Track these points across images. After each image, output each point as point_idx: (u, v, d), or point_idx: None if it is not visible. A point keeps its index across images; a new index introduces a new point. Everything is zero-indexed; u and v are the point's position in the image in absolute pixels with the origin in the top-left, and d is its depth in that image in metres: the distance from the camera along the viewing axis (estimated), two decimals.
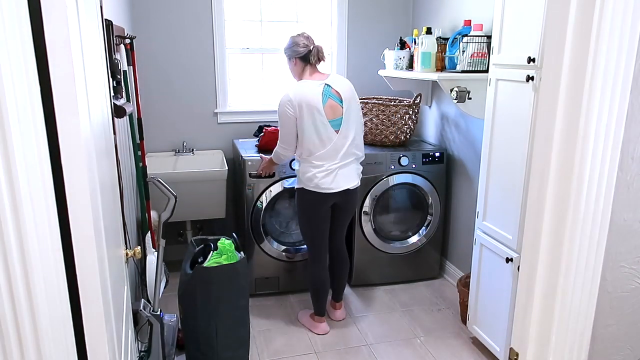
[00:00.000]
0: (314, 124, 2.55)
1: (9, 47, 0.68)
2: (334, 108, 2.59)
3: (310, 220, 2.75)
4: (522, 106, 2.17)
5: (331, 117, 2.58)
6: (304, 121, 2.55)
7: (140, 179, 2.51)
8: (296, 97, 2.54)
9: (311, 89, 2.56)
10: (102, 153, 1.17)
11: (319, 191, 2.62)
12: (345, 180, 2.66)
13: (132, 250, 1.59)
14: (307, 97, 2.54)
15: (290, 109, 2.55)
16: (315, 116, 2.54)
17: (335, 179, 2.63)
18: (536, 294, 1.39)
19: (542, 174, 1.30)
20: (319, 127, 2.56)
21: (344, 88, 2.64)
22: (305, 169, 2.63)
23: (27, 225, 0.73)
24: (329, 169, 2.61)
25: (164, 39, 3.36)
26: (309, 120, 2.55)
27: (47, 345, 0.78)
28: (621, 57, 1.18)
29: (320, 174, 2.60)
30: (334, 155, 2.61)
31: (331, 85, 2.60)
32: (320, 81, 2.60)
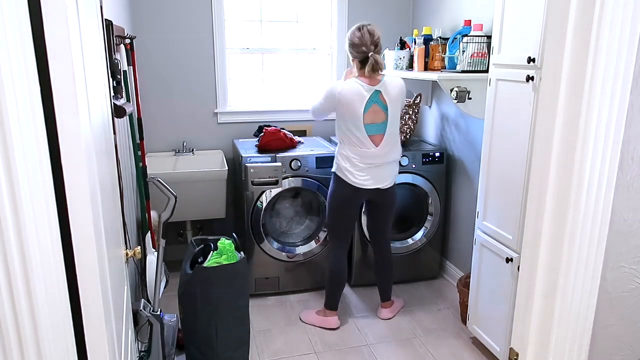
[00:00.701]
0: (351, 124, 2.59)
1: (9, 47, 0.68)
2: (376, 113, 2.60)
3: (337, 208, 2.76)
4: (522, 106, 2.17)
5: (370, 122, 2.59)
6: (343, 117, 2.61)
7: (140, 179, 2.51)
8: (341, 95, 2.57)
9: (358, 92, 2.55)
10: (102, 153, 1.17)
11: (349, 182, 2.65)
12: (376, 180, 2.68)
13: (132, 250, 1.59)
14: (351, 99, 2.56)
15: (331, 100, 2.61)
16: (353, 120, 2.58)
17: (365, 176, 2.65)
18: (536, 294, 1.38)
19: (542, 174, 1.30)
20: (354, 129, 2.59)
21: (394, 94, 2.61)
22: (341, 157, 2.67)
23: (27, 225, 0.73)
24: (360, 166, 2.63)
25: (164, 39, 3.36)
26: (348, 119, 2.59)
27: (47, 345, 0.78)
28: (621, 57, 1.17)
29: (351, 167, 2.64)
30: (367, 156, 2.63)
31: (381, 92, 2.58)
32: (370, 86, 2.57)
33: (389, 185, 2.74)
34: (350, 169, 2.64)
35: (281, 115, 3.66)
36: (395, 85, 2.64)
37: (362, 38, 2.52)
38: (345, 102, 2.56)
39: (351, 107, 2.56)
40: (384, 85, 2.60)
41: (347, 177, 2.65)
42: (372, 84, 2.58)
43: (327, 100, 2.64)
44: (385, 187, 2.71)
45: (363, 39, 2.52)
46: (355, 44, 2.54)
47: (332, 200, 2.78)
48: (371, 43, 2.53)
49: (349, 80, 2.62)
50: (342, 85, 2.60)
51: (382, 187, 2.70)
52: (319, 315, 2.92)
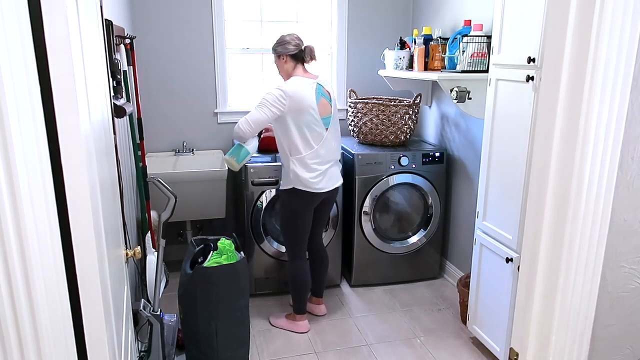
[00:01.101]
0: (306, 121, 2.58)
1: (9, 47, 0.68)
2: (324, 107, 2.65)
3: (297, 219, 2.75)
4: (522, 106, 2.17)
5: (322, 115, 2.64)
6: (294, 117, 2.57)
7: (140, 179, 2.51)
8: (292, 92, 2.55)
9: (306, 85, 2.60)
10: (102, 153, 1.17)
11: (310, 190, 2.63)
12: (333, 180, 2.73)
13: (132, 250, 1.59)
14: (302, 93, 2.57)
15: (282, 102, 2.54)
16: (310, 113, 2.57)
17: (324, 178, 2.67)
18: (536, 294, 1.39)
19: (542, 173, 1.30)
20: (312, 124, 2.59)
21: (331, 89, 2.73)
22: (296, 169, 2.63)
23: (27, 225, 0.73)
24: (319, 169, 2.64)
25: (164, 39, 3.36)
26: (301, 116, 2.57)
27: (47, 345, 0.78)
28: (621, 57, 1.18)
29: (311, 174, 2.62)
30: (324, 154, 2.65)
31: (323, 85, 2.67)
32: (312, 80, 2.64)
33: (340, 184, 2.81)
34: (309, 178, 2.61)
35: None
36: (328, 81, 2.77)
37: (290, 36, 2.66)
38: (298, 99, 2.55)
39: (305, 102, 2.55)
40: (322, 79, 2.70)
41: (307, 187, 2.62)
42: (311, 77, 2.67)
43: (272, 106, 2.54)
44: (337, 187, 2.77)
45: (291, 36, 2.66)
46: (287, 41, 2.65)
47: (289, 216, 2.76)
48: (299, 39, 2.66)
49: (291, 79, 2.63)
50: (288, 84, 2.59)
51: (336, 187, 2.76)
52: (289, 320, 2.90)
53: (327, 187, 2.69)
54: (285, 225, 2.81)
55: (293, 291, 2.87)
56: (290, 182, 2.66)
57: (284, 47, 2.64)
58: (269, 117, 2.58)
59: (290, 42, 2.64)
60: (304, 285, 2.84)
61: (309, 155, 2.61)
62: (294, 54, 2.64)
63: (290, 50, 2.63)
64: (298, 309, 2.87)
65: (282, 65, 2.68)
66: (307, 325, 2.88)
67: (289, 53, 2.64)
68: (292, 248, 2.83)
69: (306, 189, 2.63)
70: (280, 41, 2.67)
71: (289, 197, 2.70)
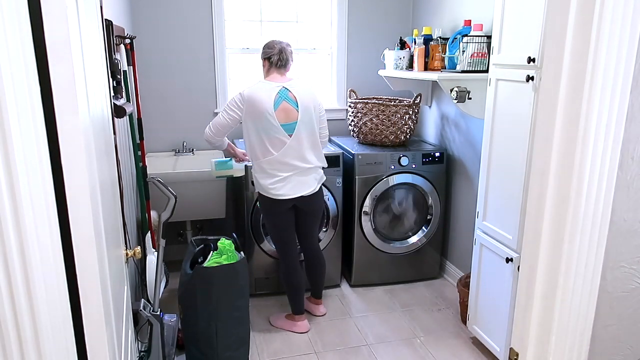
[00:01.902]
0: (263, 126, 2.55)
1: (9, 47, 0.68)
2: (287, 112, 2.58)
3: (273, 222, 2.77)
4: (522, 106, 2.17)
5: (284, 121, 2.57)
6: (252, 122, 2.56)
7: (140, 179, 2.51)
8: (249, 95, 2.55)
9: (265, 90, 2.57)
10: (102, 153, 1.17)
11: (270, 197, 2.63)
12: (299, 188, 2.65)
13: (132, 250, 1.59)
14: (259, 97, 2.54)
15: (239, 106, 2.56)
16: (267, 119, 2.54)
17: (287, 186, 2.62)
18: (536, 294, 1.39)
19: (542, 174, 1.30)
20: (269, 129, 2.55)
21: (303, 94, 2.63)
22: (257, 174, 2.65)
23: (27, 225, 0.73)
24: (280, 175, 2.60)
25: (164, 39, 3.36)
26: (258, 121, 2.55)
27: (47, 345, 0.78)
28: (621, 57, 1.18)
29: (270, 180, 2.61)
30: (286, 161, 2.59)
31: (289, 89, 2.60)
32: (277, 83, 2.60)
33: (313, 191, 2.70)
34: (269, 185, 2.61)
35: None
36: (304, 87, 2.67)
37: (279, 43, 2.66)
38: (253, 102, 2.53)
39: (260, 105, 2.53)
40: (292, 83, 2.64)
41: (268, 193, 2.63)
42: (279, 81, 2.63)
43: (233, 110, 2.57)
44: (309, 194, 2.68)
45: (274, 42, 2.67)
46: (266, 45, 2.68)
47: (264, 217, 2.82)
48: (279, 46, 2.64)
49: (255, 83, 2.64)
50: (247, 88, 2.59)
51: (305, 194, 2.66)
52: (288, 320, 2.90)
53: (290, 195, 2.62)
54: (267, 226, 2.88)
55: (286, 292, 2.89)
56: (257, 186, 2.71)
57: (264, 51, 2.68)
58: (229, 121, 2.60)
59: (268, 45, 2.67)
60: (295, 286, 2.84)
61: (266, 161, 2.59)
62: (267, 57, 2.65)
63: (264, 53, 2.67)
64: (295, 309, 2.87)
65: (263, 68, 2.72)
66: (306, 325, 2.88)
67: (264, 56, 2.67)
68: (277, 249, 2.88)
69: (267, 195, 2.64)
70: (265, 45, 2.70)
71: (260, 200, 2.75)
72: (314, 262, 2.94)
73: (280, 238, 2.80)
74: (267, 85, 2.59)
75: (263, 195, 2.67)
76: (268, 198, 2.65)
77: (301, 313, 2.88)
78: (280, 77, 2.65)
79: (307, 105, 2.63)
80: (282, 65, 2.64)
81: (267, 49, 2.66)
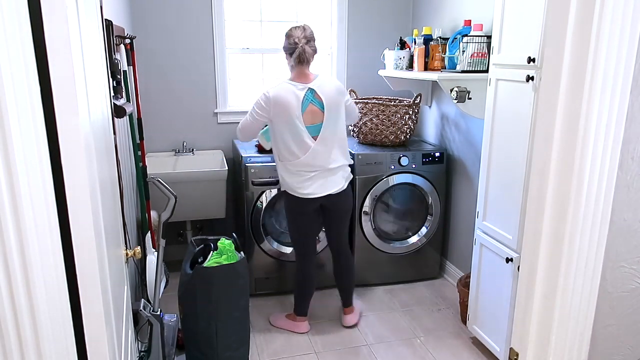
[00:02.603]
0: (290, 130, 2.51)
1: (9, 47, 0.68)
2: (314, 114, 2.53)
3: (296, 221, 2.74)
4: (522, 106, 2.17)
5: (309, 123, 2.53)
6: (279, 125, 2.52)
7: (140, 179, 2.51)
8: (275, 97, 2.49)
9: (292, 92, 2.50)
10: (102, 153, 1.17)
11: (297, 195, 2.61)
12: (326, 186, 2.61)
13: (132, 250, 1.59)
14: (286, 100, 2.48)
15: (265, 108, 2.51)
16: (293, 122, 2.49)
17: (314, 184, 2.59)
18: (536, 294, 1.39)
19: (542, 173, 1.30)
20: (295, 134, 2.51)
21: (329, 93, 2.56)
22: (284, 174, 2.62)
23: (27, 225, 0.73)
24: (307, 175, 2.57)
25: (163, 39, 3.36)
26: (285, 125, 2.51)
27: (47, 345, 0.78)
28: (621, 57, 1.18)
29: (297, 179, 2.58)
30: (311, 163, 2.55)
31: (315, 90, 2.53)
32: (303, 85, 2.53)
33: (340, 189, 2.67)
34: (295, 183, 2.58)
35: None
36: (329, 84, 2.58)
37: (294, 30, 2.53)
38: (280, 105, 2.48)
39: (288, 108, 2.47)
40: (318, 82, 2.55)
41: (295, 191, 2.60)
42: (305, 81, 2.53)
43: (259, 112, 2.52)
44: (336, 192, 2.65)
45: (294, 31, 2.52)
46: (287, 35, 2.53)
47: (287, 214, 2.77)
48: (303, 36, 2.50)
49: (280, 83, 2.56)
50: (272, 89, 2.51)
51: (332, 192, 2.63)
52: (289, 320, 2.89)
53: (318, 193, 2.59)
54: (288, 225, 2.82)
55: (295, 292, 2.87)
56: (282, 184, 2.67)
57: (284, 43, 2.55)
58: (255, 124, 2.56)
59: (290, 35, 2.51)
60: (304, 286, 2.83)
61: (292, 163, 2.56)
62: (290, 52, 2.53)
63: (286, 48, 2.54)
64: (299, 310, 2.86)
65: (287, 60, 2.60)
66: (306, 326, 2.87)
67: (287, 51, 2.55)
68: (295, 248, 2.85)
69: (293, 194, 2.62)
70: (286, 34, 2.54)
71: (285, 198, 2.71)
72: (339, 265, 2.87)
73: (300, 240, 2.77)
74: (293, 87, 2.51)
75: (289, 194, 2.63)
76: (294, 197, 2.61)
77: (303, 314, 2.87)
78: (305, 76, 2.55)
79: (333, 104, 2.56)
80: (304, 62, 2.53)
81: (288, 43, 2.52)
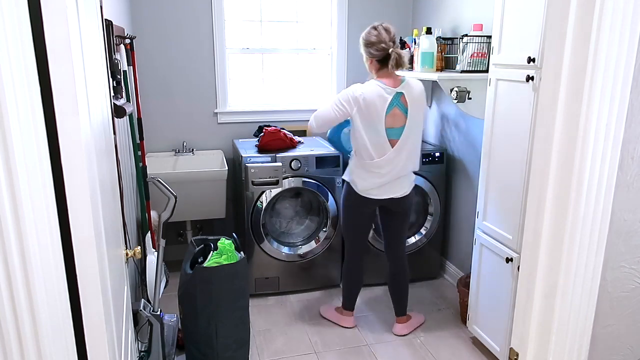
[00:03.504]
0: (370, 131, 2.49)
1: (9, 47, 0.68)
2: (396, 117, 2.49)
3: (353, 220, 2.74)
4: (522, 106, 2.17)
5: (389, 126, 2.49)
6: (361, 122, 2.49)
7: (140, 179, 2.51)
8: (363, 98, 2.45)
9: (381, 95, 2.46)
10: (102, 153, 1.17)
11: (360, 193, 2.60)
12: (392, 190, 2.60)
13: (132, 250, 1.59)
14: (373, 102, 2.45)
15: (351, 104, 2.46)
16: (374, 124, 2.47)
17: (381, 188, 2.58)
18: (536, 294, 1.38)
19: (542, 173, 1.30)
20: (374, 136, 2.49)
21: (415, 98, 2.51)
22: (355, 169, 2.60)
23: (27, 225, 0.73)
24: (377, 176, 2.55)
25: (164, 39, 3.36)
26: (367, 124, 2.48)
27: (47, 345, 0.78)
28: (621, 57, 1.17)
29: (365, 176, 2.57)
30: (385, 166, 2.53)
31: (404, 93, 2.49)
32: (391, 88, 2.48)
33: (404, 194, 2.64)
34: (362, 180, 2.57)
35: (281, 115, 3.66)
36: (415, 89, 2.53)
37: (380, 35, 2.44)
38: (367, 105, 2.45)
39: (373, 111, 2.44)
40: (406, 87, 2.50)
41: (358, 189, 2.59)
42: (393, 85, 2.48)
43: (344, 106, 2.47)
44: (398, 197, 2.62)
45: (380, 36, 2.44)
46: (373, 42, 2.45)
47: (344, 206, 2.74)
48: (389, 39, 2.45)
49: (369, 83, 2.50)
50: (362, 88, 2.47)
51: (395, 196, 2.61)
52: (336, 313, 2.96)
53: (381, 196, 2.59)
54: (342, 218, 2.81)
55: (344, 286, 2.92)
56: (348, 174, 2.65)
57: (368, 51, 2.48)
58: (336, 116, 2.50)
59: (375, 43, 2.44)
60: (352, 282, 2.87)
61: (367, 164, 2.55)
62: (379, 59, 2.47)
63: (374, 55, 2.47)
64: (345, 304, 2.92)
65: (368, 64, 2.56)
66: (352, 321, 2.91)
67: (373, 57, 2.49)
68: (346, 243, 2.86)
69: (355, 189, 2.61)
70: (367, 41, 2.47)
71: (346, 189, 2.69)
72: (399, 279, 2.85)
73: (353, 235, 2.77)
74: (381, 90, 2.46)
75: (351, 188, 2.61)
76: (356, 193, 2.60)
77: (351, 309, 2.92)
78: (393, 79, 2.50)
79: (416, 110, 2.52)
80: (401, 66, 2.48)
81: (376, 51, 2.45)
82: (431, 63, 2.98)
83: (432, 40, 2.97)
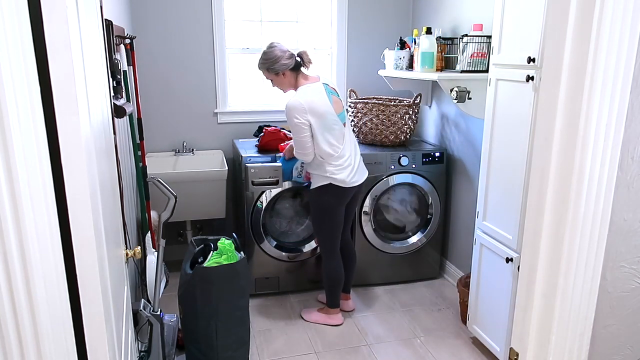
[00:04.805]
0: (328, 126, 2.59)
1: (9, 47, 0.68)
2: (336, 103, 2.67)
3: (331, 217, 2.76)
4: (522, 106, 2.17)
5: (338, 112, 2.66)
6: (318, 125, 2.57)
7: (140, 179, 2.51)
8: (307, 103, 2.55)
9: (317, 92, 2.61)
10: (102, 153, 1.17)
11: (344, 186, 2.66)
12: (361, 173, 2.78)
13: (132, 250, 1.59)
14: (317, 100, 2.58)
15: (303, 116, 2.54)
16: (328, 117, 2.59)
17: (356, 172, 2.72)
18: (536, 294, 1.39)
19: (542, 174, 1.30)
20: (333, 126, 2.61)
21: (334, 84, 2.76)
22: (328, 169, 2.65)
23: (27, 225, 0.73)
24: (350, 163, 2.68)
25: (163, 39, 3.36)
26: (324, 123, 2.58)
27: (47, 345, 0.78)
28: (621, 57, 1.18)
29: (345, 171, 2.66)
30: (349, 148, 2.69)
31: (328, 84, 2.69)
32: (317, 83, 2.65)
33: (366, 177, 2.82)
34: (343, 175, 2.65)
35: (281, 115, 3.63)
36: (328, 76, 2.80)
37: (279, 47, 2.59)
38: (312, 107, 2.54)
39: (322, 109, 2.57)
40: (324, 78, 2.71)
41: (344, 182, 2.65)
42: (316, 80, 2.66)
43: (301, 120, 2.54)
44: (362, 181, 2.78)
45: (280, 47, 2.59)
46: (279, 55, 2.58)
47: (321, 212, 2.76)
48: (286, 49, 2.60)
49: (300, 90, 2.61)
50: (296, 98, 2.55)
51: (362, 181, 2.78)
52: (322, 314, 2.95)
53: (359, 180, 2.74)
54: (319, 224, 2.82)
55: (328, 287, 2.92)
56: (325, 180, 2.67)
57: (280, 64, 2.58)
58: (307, 132, 2.58)
59: (282, 56, 2.58)
60: (338, 280, 2.90)
61: (335, 157, 2.63)
62: (292, 66, 2.61)
63: (288, 64, 2.59)
64: (333, 303, 2.93)
65: (282, 80, 2.64)
66: (341, 318, 2.95)
67: (288, 68, 2.60)
68: (326, 246, 2.86)
69: (342, 185, 2.67)
70: (272, 59, 2.59)
71: (321, 195, 2.71)
72: (347, 254, 2.99)
73: (333, 238, 2.82)
74: (312, 88, 2.61)
75: (333, 186, 2.66)
76: (337, 189, 2.67)
77: (338, 306, 2.95)
78: (309, 77, 2.67)
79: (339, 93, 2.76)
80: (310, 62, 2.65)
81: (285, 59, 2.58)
82: (431, 63, 2.98)
83: (432, 40, 2.97)
